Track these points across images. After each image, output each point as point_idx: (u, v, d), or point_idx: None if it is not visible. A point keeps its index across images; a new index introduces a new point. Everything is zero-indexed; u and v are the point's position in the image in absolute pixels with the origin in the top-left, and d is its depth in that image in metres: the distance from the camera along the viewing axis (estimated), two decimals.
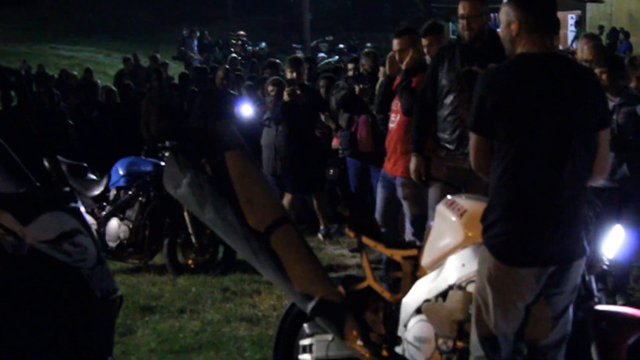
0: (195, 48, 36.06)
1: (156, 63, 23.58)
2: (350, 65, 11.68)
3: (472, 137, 4.50)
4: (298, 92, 10.69)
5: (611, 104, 7.12)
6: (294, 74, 11.14)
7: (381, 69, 9.73)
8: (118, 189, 9.82)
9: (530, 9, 4.36)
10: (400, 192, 7.76)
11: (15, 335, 4.25)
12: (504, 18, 4.41)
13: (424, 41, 7.89)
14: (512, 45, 4.41)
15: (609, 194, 7.03)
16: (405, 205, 7.76)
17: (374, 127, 9.60)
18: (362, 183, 10.07)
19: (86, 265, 4.64)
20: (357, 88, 9.94)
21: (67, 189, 5.18)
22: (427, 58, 7.72)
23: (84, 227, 4.78)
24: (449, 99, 7.02)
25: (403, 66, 7.78)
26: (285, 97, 10.72)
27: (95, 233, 5.60)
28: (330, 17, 42.81)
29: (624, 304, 6.75)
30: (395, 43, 7.93)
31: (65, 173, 5.52)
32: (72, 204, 5.00)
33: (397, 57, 7.92)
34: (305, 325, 5.60)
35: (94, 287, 4.65)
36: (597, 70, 7.17)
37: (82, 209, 5.23)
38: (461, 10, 7.01)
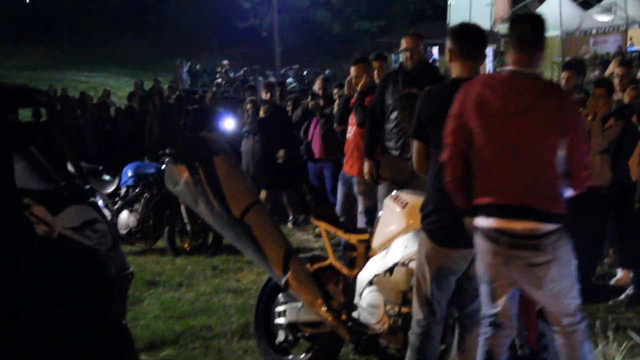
0: (185, 75, 35.72)
1: (158, 84, 23.32)
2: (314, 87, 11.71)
3: (414, 144, 4.55)
4: (270, 110, 10.79)
5: None
6: (269, 95, 11.22)
7: (335, 90, 9.81)
8: (127, 187, 9.79)
9: (459, 40, 4.38)
10: (355, 189, 7.80)
11: (46, 302, 4.22)
12: (447, 47, 4.44)
13: (375, 64, 7.94)
14: (450, 70, 4.44)
15: None
16: (359, 199, 7.79)
17: (325, 138, 9.66)
18: (319, 183, 10.14)
19: (103, 248, 4.60)
20: (310, 104, 10.14)
21: (88, 186, 5.16)
22: (377, 81, 7.76)
23: (102, 217, 4.74)
24: (393, 115, 7.06)
25: (358, 88, 7.87)
26: (261, 113, 10.80)
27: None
28: (296, 49, 42.73)
29: None
30: (352, 70, 8.05)
31: (86, 174, 5.45)
32: (92, 199, 4.97)
33: (353, 81, 7.99)
34: (279, 295, 5.59)
35: (110, 265, 4.62)
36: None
37: (100, 202, 5.19)
38: (404, 44, 7.06)
